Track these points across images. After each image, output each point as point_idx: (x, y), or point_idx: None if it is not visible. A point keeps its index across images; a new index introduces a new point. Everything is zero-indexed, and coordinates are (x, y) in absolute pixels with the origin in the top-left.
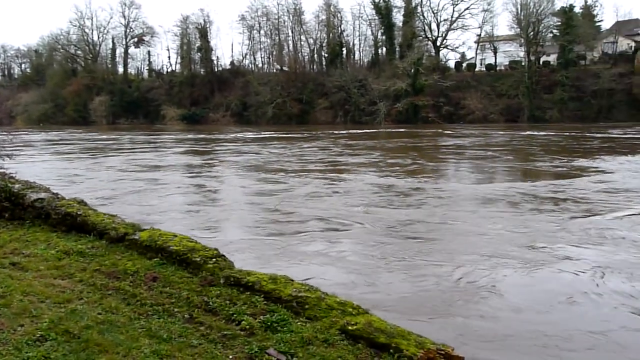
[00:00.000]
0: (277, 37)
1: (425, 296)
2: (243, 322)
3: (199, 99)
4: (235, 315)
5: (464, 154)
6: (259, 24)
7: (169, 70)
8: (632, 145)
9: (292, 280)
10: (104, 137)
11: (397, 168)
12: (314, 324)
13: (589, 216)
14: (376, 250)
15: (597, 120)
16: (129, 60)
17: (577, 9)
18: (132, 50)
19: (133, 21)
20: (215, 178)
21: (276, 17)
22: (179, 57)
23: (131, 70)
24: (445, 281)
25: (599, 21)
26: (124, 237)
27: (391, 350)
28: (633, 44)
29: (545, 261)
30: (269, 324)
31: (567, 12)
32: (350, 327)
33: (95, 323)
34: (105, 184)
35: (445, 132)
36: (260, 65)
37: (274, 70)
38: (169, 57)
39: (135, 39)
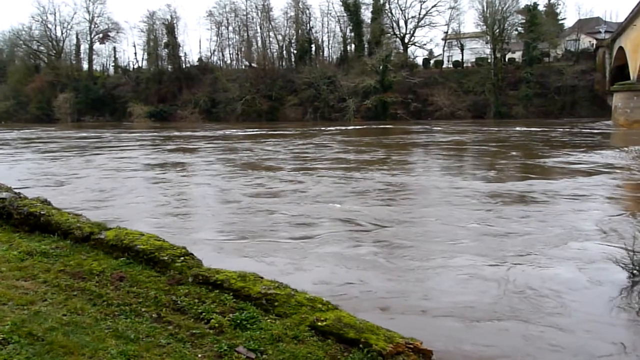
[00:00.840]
0: (245, 34)
1: (483, 301)
2: (212, 320)
3: (166, 95)
4: (204, 314)
5: (468, 150)
6: (227, 20)
7: (135, 66)
8: (629, 140)
9: (262, 278)
10: (84, 134)
11: (409, 166)
12: (283, 320)
13: (624, 213)
14: (415, 253)
15: (561, 116)
16: (94, 56)
17: (540, 7)
18: (97, 46)
19: (98, 16)
20: (216, 177)
21: (244, 13)
22: (145, 54)
23: (96, 67)
24: (498, 284)
25: (562, 19)
26: (89, 236)
27: (360, 345)
28: (594, 42)
29: (594, 261)
30: (238, 321)
31: (531, 10)
32: (319, 323)
33: (60, 325)
34: (101, 185)
35: (435, 128)
36: (228, 61)
37: (243, 67)
38: (135, 53)
39: (100, 35)
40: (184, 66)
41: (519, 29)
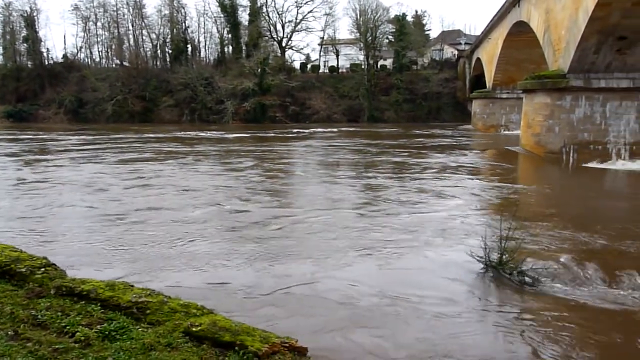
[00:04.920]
0: (116, 31)
1: (351, 290)
2: (77, 333)
3: (26, 94)
4: (68, 327)
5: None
6: (96, 15)
7: None
8: (486, 142)
9: (132, 286)
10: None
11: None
12: (156, 328)
13: (485, 211)
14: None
15: (428, 121)
16: None
17: (409, 18)
18: None
19: None
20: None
21: (114, 9)
22: (0, 48)
23: None
24: (368, 274)
25: (428, 30)
26: None
27: (236, 348)
28: (456, 52)
29: (454, 253)
30: (106, 333)
31: (400, 20)
32: (194, 329)
33: None
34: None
35: (416, 131)
36: (97, 59)
37: (114, 65)
38: None
39: None
40: (46, 63)
41: (390, 37)
